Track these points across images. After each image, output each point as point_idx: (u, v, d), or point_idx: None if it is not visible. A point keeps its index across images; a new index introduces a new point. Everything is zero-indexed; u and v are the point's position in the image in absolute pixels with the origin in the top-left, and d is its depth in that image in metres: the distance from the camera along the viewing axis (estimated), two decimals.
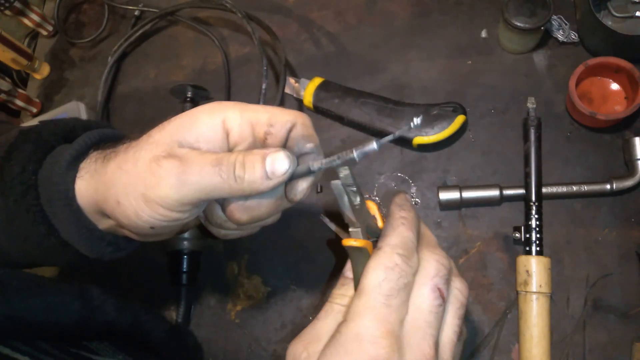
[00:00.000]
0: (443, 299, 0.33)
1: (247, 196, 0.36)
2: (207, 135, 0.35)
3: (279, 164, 0.34)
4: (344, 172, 0.34)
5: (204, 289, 0.65)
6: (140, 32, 0.78)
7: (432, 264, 0.34)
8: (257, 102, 0.63)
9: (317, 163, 0.35)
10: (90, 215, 0.39)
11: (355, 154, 0.33)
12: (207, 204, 0.38)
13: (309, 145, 0.38)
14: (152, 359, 0.52)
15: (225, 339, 0.63)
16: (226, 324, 0.63)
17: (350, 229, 0.35)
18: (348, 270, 0.37)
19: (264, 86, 0.63)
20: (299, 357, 0.35)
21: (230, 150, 0.36)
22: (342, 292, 0.36)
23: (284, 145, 0.37)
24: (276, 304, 0.63)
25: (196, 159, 0.34)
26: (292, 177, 0.36)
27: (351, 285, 0.36)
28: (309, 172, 0.36)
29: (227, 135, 0.36)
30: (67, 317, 0.45)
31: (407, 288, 0.33)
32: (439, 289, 0.33)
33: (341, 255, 0.63)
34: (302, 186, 0.37)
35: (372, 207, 0.39)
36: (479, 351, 0.57)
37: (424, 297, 0.33)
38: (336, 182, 0.34)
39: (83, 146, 0.39)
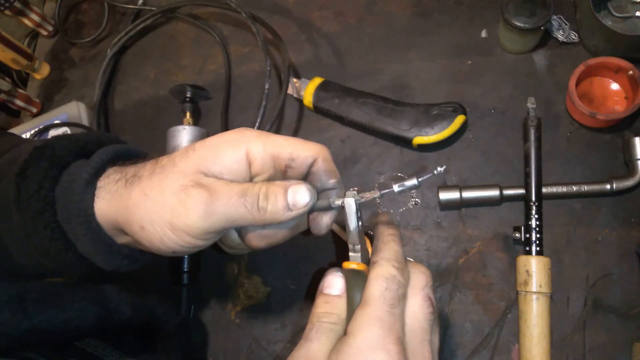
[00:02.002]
0: (433, 307, 0.36)
1: (266, 225, 0.38)
2: (231, 167, 0.37)
3: (300, 196, 0.36)
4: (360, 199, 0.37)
5: (204, 289, 0.65)
6: (141, 26, 0.77)
7: (420, 276, 0.37)
8: (260, 104, 0.63)
9: (338, 200, 0.37)
10: (109, 232, 0.39)
11: (370, 198, 0.37)
12: (225, 232, 0.39)
13: (331, 182, 0.39)
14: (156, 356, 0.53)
15: (225, 339, 0.63)
16: (226, 324, 0.64)
17: (350, 253, 0.38)
18: (327, 288, 0.38)
19: (266, 86, 0.63)
20: None
21: (251, 179, 0.38)
22: (327, 310, 0.37)
23: (305, 177, 0.39)
24: (276, 304, 0.63)
25: (223, 190, 0.35)
26: (313, 210, 0.38)
27: (337, 302, 0.37)
28: (329, 208, 0.38)
29: (250, 165, 0.37)
30: (85, 322, 0.45)
31: (404, 298, 0.36)
32: (429, 298, 0.36)
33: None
34: (326, 221, 0.39)
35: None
36: (479, 351, 0.57)
37: (418, 306, 0.36)
38: (350, 200, 0.37)
39: (100, 163, 0.40)
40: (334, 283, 0.38)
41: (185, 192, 0.35)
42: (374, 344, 0.32)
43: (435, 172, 0.37)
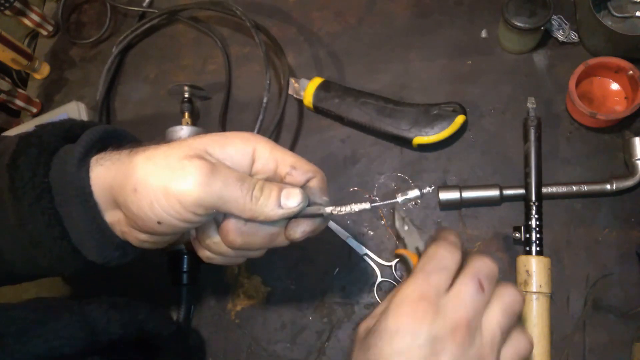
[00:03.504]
0: (483, 289, 0.37)
1: (251, 220, 0.38)
2: (236, 158, 0.38)
3: (294, 198, 0.38)
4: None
5: (204, 289, 0.65)
6: (147, 25, 0.77)
7: (478, 262, 0.39)
8: (258, 114, 0.63)
9: (329, 208, 0.39)
10: (103, 206, 0.39)
11: (358, 208, 0.40)
12: (211, 217, 0.39)
13: (324, 199, 0.41)
14: None
15: (225, 339, 0.63)
16: (226, 324, 0.63)
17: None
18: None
19: (265, 100, 0.62)
20: (360, 331, 0.40)
21: (251, 175, 0.39)
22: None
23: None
24: (276, 304, 0.63)
25: (224, 169, 0.37)
26: (299, 215, 0.39)
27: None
28: (318, 215, 0.40)
29: (253, 163, 0.39)
30: (71, 348, 0.44)
31: (447, 272, 0.38)
32: (479, 280, 0.37)
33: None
34: (304, 227, 0.40)
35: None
36: None
37: (463, 284, 0.37)
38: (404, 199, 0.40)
39: (89, 142, 0.40)
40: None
41: (188, 159, 0.36)
42: (404, 299, 0.36)
43: (421, 192, 0.40)
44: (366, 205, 0.39)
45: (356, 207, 0.39)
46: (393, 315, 0.36)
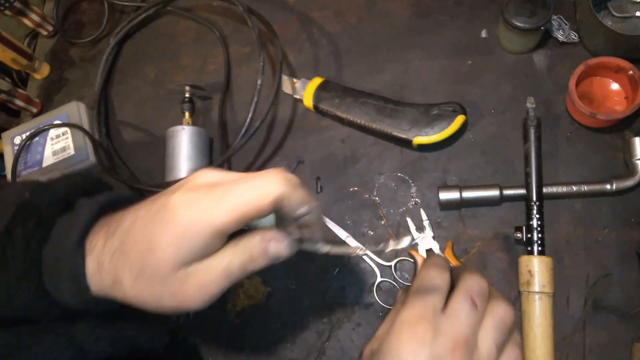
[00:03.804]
0: (476, 306, 0.39)
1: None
2: (205, 249, 0.36)
3: (282, 251, 0.39)
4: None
5: None
6: (143, 15, 0.77)
7: (468, 279, 0.41)
8: (252, 99, 0.61)
9: (326, 247, 0.42)
10: (95, 290, 0.39)
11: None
12: None
13: (303, 210, 0.39)
14: None
15: (226, 339, 0.63)
16: (226, 324, 0.63)
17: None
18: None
19: (259, 82, 0.62)
20: (366, 353, 0.42)
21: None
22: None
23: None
24: (276, 304, 0.63)
25: (212, 279, 0.37)
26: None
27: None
28: (313, 251, 0.42)
29: (221, 234, 0.37)
30: None
31: (439, 292, 0.40)
32: (471, 298, 0.39)
33: None
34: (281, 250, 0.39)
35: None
36: None
37: (457, 302, 0.39)
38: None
39: (87, 223, 0.39)
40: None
41: (180, 299, 0.37)
42: (404, 320, 0.39)
43: (399, 245, 0.41)
44: (358, 251, 0.44)
45: (351, 250, 0.43)
46: (395, 337, 0.38)
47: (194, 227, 0.35)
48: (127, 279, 0.36)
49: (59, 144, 0.72)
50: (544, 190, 0.58)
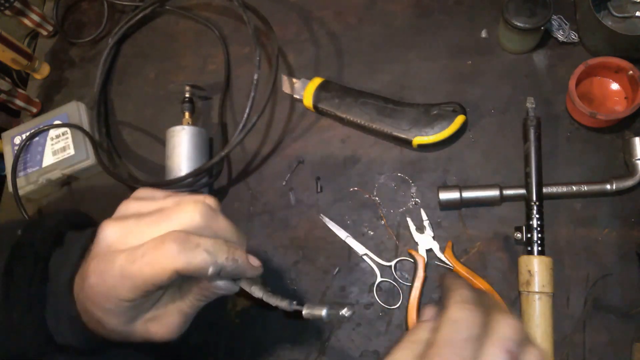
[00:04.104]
0: None
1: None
2: (137, 307, 0.39)
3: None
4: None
5: None
6: (141, 14, 0.77)
7: (504, 328, 0.34)
8: (249, 94, 0.61)
9: (259, 293, 0.43)
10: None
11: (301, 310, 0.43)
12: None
13: (210, 271, 0.38)
14: None
15: (226, 339, 0.63)
16: (226, 324, 0.63)
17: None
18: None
19: (255, 77, 0.62)
20: None
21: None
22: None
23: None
24: None
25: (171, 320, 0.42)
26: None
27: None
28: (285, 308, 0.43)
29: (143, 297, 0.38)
30: None
31: (475, 341, 0.33)
32: (509, 352, 0.33)
33: None
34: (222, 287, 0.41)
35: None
36: None
37: (494, 356, 0.32)
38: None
39: (75, 260, 0.40)
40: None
41: (149, 336, 0.40)
42: None
43: (341, 313, 0.41)
44: (285, 306, 0.42)
45: (282, 304, 0.42)
46: None
47: (114, 298, 0.37)
48: (106, 320, 0.38)
49: (59, 144, 0.72)
50: (544, 190, 0.58)
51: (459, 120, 0.62)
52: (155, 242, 0.36)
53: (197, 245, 0.36)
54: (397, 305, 0.60)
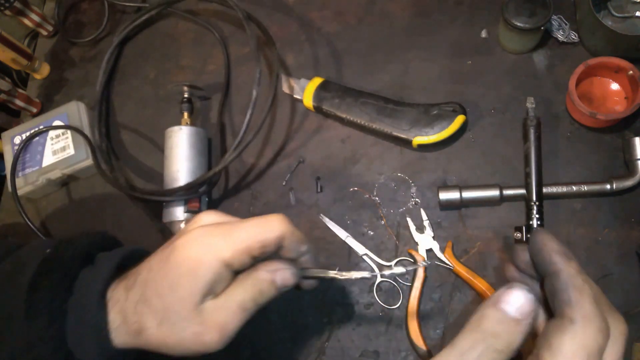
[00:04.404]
0: None
1: None
2: (216, 281, 0.39)
3: (288, 282, 0.42)
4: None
5: None
6: (146, 16, 0.77)
7: (619, 331, 0.31)
8: (249, 94, 0.61)
9: (332, 272, 0.45)
10: (117, 342, 0.40)
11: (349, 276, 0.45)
12: None
13: (303, 248, 0.43)
14: None
15: None
16: None
17: None
18: (505, 304, 0.33)
19: (254, 94, 0.61)
20: None
21: (235, 272, 0.40)
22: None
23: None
24: (276, 304, 0.63)
25: (229, 320, 0.41)
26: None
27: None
28: (321, 277, 0.45)
29: (230, 267, 0.39)
30: None
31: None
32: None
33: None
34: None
35: None
36: None
37: None
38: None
39: (108, 276, 0.41)
40: (515, 301, 0.32)
41: (201, 339, 0.39)
42: None
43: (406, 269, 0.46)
44: (365, 274, 0.44)
45: (357, 274, 0.44)
46: None
47: (204, 260, 0.38)
48: (151, 325, 0.38)
49: (59, 144, 0.72)
50: (544, 190, 0.58)
51: (459, 120, 0.62)
52: (262, 216, 0.40)
53: (295, 227, 0.41)
54: (397, 305, 0.60)
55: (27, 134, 0.73)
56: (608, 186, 0.58)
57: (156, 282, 0.39)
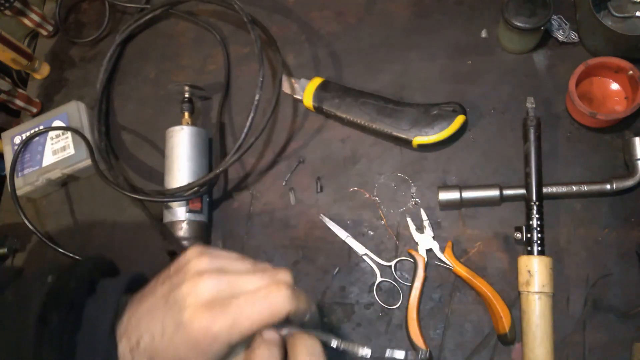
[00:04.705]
0: None
1: None
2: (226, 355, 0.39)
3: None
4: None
5: None
6: (150, 15, 0.77)
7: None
8: (249, 94, 0.60)
9: (335, 342, 0.43)
10: None
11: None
12: None
13: (307, 317, 0.43)
14: None
15: None
16: None
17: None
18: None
19: (257, 97, 0.61)
20: None
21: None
22: None
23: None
24: None
25: None
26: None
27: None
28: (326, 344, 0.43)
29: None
30: None
31: None
32: None
33: None
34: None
35: None
36: (479, 351, 0.57)
37: None
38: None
39: (115, 308, 0.41)
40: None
41: None
42: None
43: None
44: (367, 352, 0.42)
45: (362, 351, 0.42)
46: None
47: (214, 345, 0.38)
48: None
49: (59, 143, 0.72)
50: (544, 190, 0.58)
51: (459, 120, 0.62)
52: (270, 287, 0.39)
53: (299, 294, 0.41)
54: (397, 305, 0.60)
55: (27, 134, 0.73)
56: (608, 186, 0.58)
57: (167, 357, 0.39)
